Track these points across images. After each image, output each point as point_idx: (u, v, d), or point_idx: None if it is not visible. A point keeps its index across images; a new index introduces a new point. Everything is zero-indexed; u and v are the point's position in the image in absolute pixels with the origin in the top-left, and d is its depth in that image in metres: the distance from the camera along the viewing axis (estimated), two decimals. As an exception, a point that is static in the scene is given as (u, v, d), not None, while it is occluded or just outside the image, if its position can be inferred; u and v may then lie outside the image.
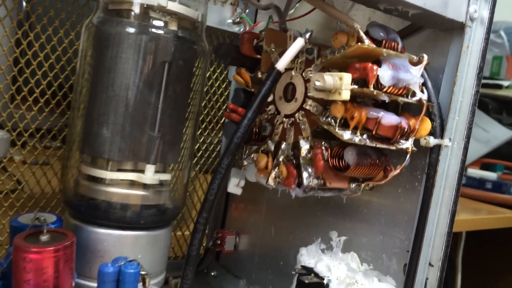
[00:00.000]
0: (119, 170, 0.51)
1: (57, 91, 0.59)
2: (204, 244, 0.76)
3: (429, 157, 0.44)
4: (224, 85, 0.74)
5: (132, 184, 0.51)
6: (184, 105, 0.54)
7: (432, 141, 0.43)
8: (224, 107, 0.74)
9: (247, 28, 0.64)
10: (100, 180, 0.50)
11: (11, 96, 0.57)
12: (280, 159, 0.44)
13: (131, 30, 0.49)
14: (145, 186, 0.51)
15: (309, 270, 0.53)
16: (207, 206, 0.41)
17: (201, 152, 0.73)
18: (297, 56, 0.43)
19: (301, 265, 0.55)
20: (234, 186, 0.57)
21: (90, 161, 0.52)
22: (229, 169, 0.42)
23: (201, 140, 0.73)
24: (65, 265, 0.42)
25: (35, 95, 0.58)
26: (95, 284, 0.48)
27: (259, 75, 0.48)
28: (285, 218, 0.61)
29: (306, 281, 0.51)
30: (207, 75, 0.70)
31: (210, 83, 0.72)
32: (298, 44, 0.41)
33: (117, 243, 0.49)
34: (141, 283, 0.39)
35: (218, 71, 0.73)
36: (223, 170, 0.41)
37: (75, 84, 0.54)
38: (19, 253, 0.40)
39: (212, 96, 0.73)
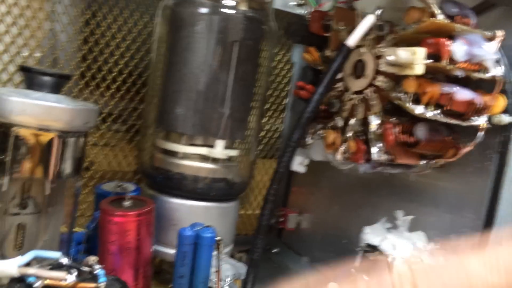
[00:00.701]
0: (191, 144, 0.54)
1: (127, 79, 0.63)
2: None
3: (501, 136, 0.43)
4: (287, 67, 0.75)
5: (203, 158, 0.54)
6: (251, 84, 0.55)
7: (506, 119, 0.42)
8: (287, 88, 0.76)
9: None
10: (173, 154, 0.53)
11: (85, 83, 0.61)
12: (349, 135, 0.45)
13: (204, 10, 0.51)
14: (214, 160, 0.54)
15: (373, 248, 0.54)
16: (277, 177, 0.43)
17: (261, 138, 0.75)
18: (367, 33, 0.44)
19: (365, 243, 0.56)
20: (298, 164, 0.59)
21: (165, 135, 0.55)
22: (299, 143, 0.43)
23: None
24: (146, 229, 0.46)
25: (107, 82, 0.61)
26: (169, 250, 0.52)
27: (328, 53, 0.49)
28: (348, 197, 0.62)
29: (371, 258, 0.52)
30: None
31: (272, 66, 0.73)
32: (369, 20, 0.42)
33: (189, 212, 0.52)
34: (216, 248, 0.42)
35: (282, 53, 0.74)
36: (293, 143, 0.42)
37: (151, 64, 0.57)
38: (105, 216, 0.44)
39: (274, 79, 0.74)
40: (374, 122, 0.43)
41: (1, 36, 0.54)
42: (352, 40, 0.41)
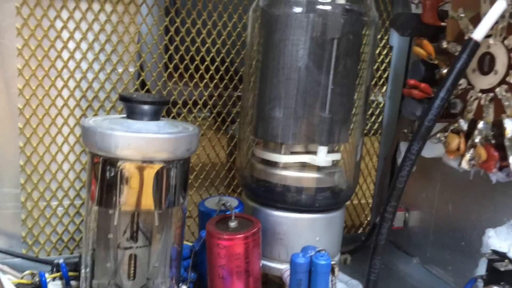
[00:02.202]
0: (292, 153, 0.50)
1: (210, 66, 0.60)
2: (368, 219, 0.75)
3: None
4: (385, 52, 0.69)
5: (305, 166, 0.51)
6: (353, 80, 0.51)
7: None
8: (386, 75, 0.70)
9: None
10: (274, 164, 0.51)
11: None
12: (477, 140, 0.39)
13: (298, 9, 0.47)
14: (318, 168, 0.50)
15: (502, 256, 0.48)
16: (396, 194, 0.39)
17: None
18: (496, 22, 0.37)
19: (491, 249, 0.50)
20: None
21: (263, 144, 0.53)
22: (419, 155, 0.38)
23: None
24: (254, 250, 0.44)
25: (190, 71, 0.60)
26: (276, 265, 0.50)
27: (444, 45, 0.43)
28: (465, 195, 0.56)
29: (501, 269, 0.46)
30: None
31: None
32: (500, 7, 0.35)
33: (295, 225, 0.50)
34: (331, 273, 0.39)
35: (378, 37, 0.68)
36: (413, 156, 0.38)
37: (245, 69, 0.54)
38: (213, 239, 0.43)
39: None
40: (510, 127, 0.37)
41: (97, 54, 0.54)
42: (479, 33, 0.35)
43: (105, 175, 0.38)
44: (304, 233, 0.50)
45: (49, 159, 0.54)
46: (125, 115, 0.41)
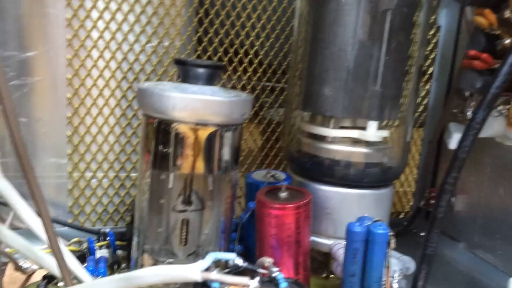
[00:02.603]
0: (341, 127, 0.49)
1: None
2: (410, 204, 0.73)
3: None
4: (432, 32, 0.67)
5: (354, 141, 0.50)
6: (405, 55, 0.49)
7: None
8: (432, 56, 0.68)
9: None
10: (322, 138, 0.50)
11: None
12: (543, 111, 0.37)
13: (352, -22, 0.46)
14: (367, 143, 0.49)
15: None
16: (457, 165, 0.38)
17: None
18: None
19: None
20: (457, 142, 0.52)
21: (311, 118, 0.52)
22: (483, 124, 0.37)
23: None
24: (305, 221, 0.43)
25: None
26: (323, 240, 0.49)
27: (507, 14, 0.41)
28: (518, 178, 0.54)
29: None
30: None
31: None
32: None
33: (343, 201, 0.49)
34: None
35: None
36: (478, 125, 0.36)
37: (293, 43, 0.54)
38: (264, 209, 0.42)
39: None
40: None
41: (144, 27, 0.54)
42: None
43: (159, 137, 0.38)
44: (353, 208, 0.49)
45: (96, 130, 0.55)
46: (179, 81, 0.41)
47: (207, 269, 0.30)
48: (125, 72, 0.54)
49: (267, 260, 0.33)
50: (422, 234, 0.68)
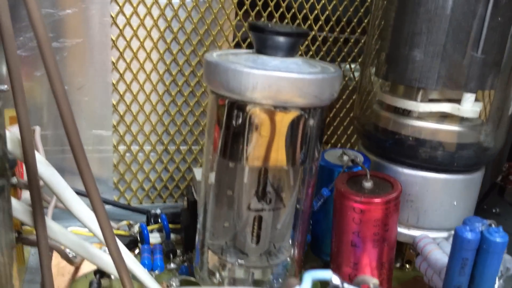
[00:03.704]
0: (430, 100, 0.42)
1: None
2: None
3: None
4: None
5: (444, 117, 0.42)
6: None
7: None
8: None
9: None
10: (406, 112, 0.43)
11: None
12: None
13: None
14: (460, 120, 0.42)
15: None
16: None
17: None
18: None
19: None
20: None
21: (393, 88, 0.45)
22: None
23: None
24: (394, 217, 0.37)
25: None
26: (403, 230, 0.43)
27: None
28: None
29: None
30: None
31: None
32: None
33: (429, 187, 0.42)
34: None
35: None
36: None
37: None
38: (346, 201, 0.36)
39: None
40: None
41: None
42: None
43: (231, 121, 0.31)
44: (439, 195, 0.42)
45: (143, 98, 0.48)
46: (250, 51, 0.34)
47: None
48: (175, 32, 0.47)
49: (372, 282, 0.27)
50: (494, 210, 0.62)
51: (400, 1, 0.41)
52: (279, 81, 0.29)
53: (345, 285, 0.27)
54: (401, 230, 0.43)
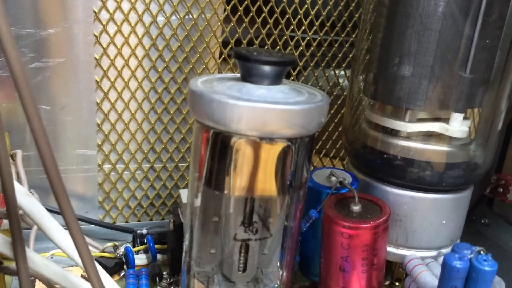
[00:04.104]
0: (419, 120, 0.42)
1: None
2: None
3: None
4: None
5: (431, 136, 0.42)
6: (500, 32, 0.41)
7: None
8: None
9: None
10: (394, 132, 0.42)
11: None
12: None
13: None
14: (449, 139, 0.42)
15: None
16: None
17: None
18: None
19: None
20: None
21: (380, 107, 0.44)
22: None
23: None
24: (383, 240, 0.37)
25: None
26: (392, 249, 0.43)
27: None
28: None
29: None
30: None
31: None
32: None
33: (418, 207, 0.42)
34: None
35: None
36: None
37: (364, 17, 0.45)
38: (334, 226, 0.36)
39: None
40: None
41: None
42: None
43: (216, 151, 0.31)
44: (428, 215, 0.42)
45: (129, 117, 0.48)
46: (236, 76, 0.33)
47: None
48: (160, 50, 0.46)
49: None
50: (484, 221, 0.63)
51: (388, 22, 0.41)
52: (265, 113, 0.28)
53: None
54: (390, 249, 0.43)
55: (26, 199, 0.31)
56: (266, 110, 0.28)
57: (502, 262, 0.54)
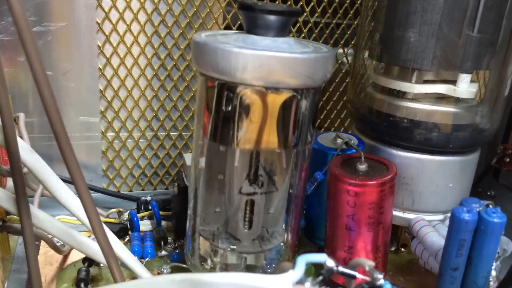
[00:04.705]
0: (425, 81, 0.41)
1: None
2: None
3: None
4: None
5: (438, 98, 0.42)
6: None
7: None
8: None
9: None
10: (401, 94, 0.42)
11: None
12: None
13: None
14: (456, 100, 0.41)
15: None
16: None
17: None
18: None
19: None
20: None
21: (387, 69, 0.44)
22: None
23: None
24: (389, 199, 0.36)
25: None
26: (398, 213, 0.43)
27: None
28: None
29: None
30: None
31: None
32: None
33: (424, 169, 0.42)
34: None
35: None
36: None
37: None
38: (340, 184, 0.35)
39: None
40: None
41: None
42: None
43: (221, 103, 0.30)
44: (435, 178, 0.42)
45: (131, 83, 0.47)
46: (241, 32, 0.33)
47: (299, 281, 0.24)
48: (163, 14, 0.46)
49: (368, 263, 0.27)
50: (489, 193, 0.62)
51: (394, -22, 0.40)
52: (270, 61, 0.28)
53: (340, 268, 0.26)
54: (396, 213, 0.43)
55: (30, 155, 0.31)
56: (271, 58, 0.28)
57: (509, 232, 0.54)
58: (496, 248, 0.31)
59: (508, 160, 0.57)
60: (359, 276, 0.26)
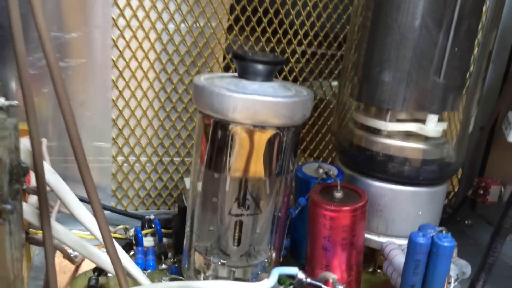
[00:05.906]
0: (398, 120, 0.47)
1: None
2: (455, 190, 0.71)
3: None
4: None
5: (410, 135, 0.47)
6: (472, 42, 0.46)
7: None
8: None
9: None
10: (377, 131, 0.47)
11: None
12: None
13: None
14: (425, 138, 0.47)
15: None
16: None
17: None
18: None
19: None
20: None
21: (365, 108, 0.49)
22: None
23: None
24: (361, 223, 0.41)
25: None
26: (373, 237, 0.48)
27: None
28: None
29: None
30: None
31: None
32: None
33: (397, 198, 0.47)
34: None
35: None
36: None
37: (350, 28, 0.50)
38: (318, 209, 0.41)
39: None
40: None
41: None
42: None
43: (216, 137, 0.36)
44: (406, 206, 0.47)
45: (141, 114, 0.53)
46: (235, 74, 0.39)
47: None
48: (170, 54, 0.52)
49: (331, 277, 0.32)
50: (467, 222, 0.67)
51: (371, 31, 0.46)
52: (256, 104, 0.33)
53: (308, 279, 0.31)
54: (371, 237, 0.48)
55: (52, 176, 0.37)
56: (257, 102, 0.34)
57: (478, 258, 0.59)
58: (447, 269, 0.36)
59: (482, 192, 0.62)
60: (324, 287, 0.31)
